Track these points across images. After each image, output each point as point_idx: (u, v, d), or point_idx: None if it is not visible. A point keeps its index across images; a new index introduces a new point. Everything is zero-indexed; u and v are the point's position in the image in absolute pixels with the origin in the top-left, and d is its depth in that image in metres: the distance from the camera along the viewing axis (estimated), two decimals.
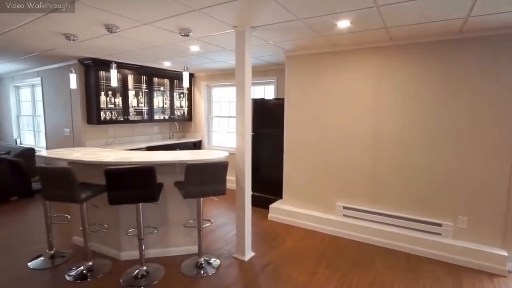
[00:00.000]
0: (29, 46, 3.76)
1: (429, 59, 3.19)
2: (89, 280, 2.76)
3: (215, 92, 6.43)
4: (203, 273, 2.88)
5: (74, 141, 5.07)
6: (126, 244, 3.08)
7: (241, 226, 3.15)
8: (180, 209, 3.18)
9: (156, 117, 5.75)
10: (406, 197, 3.44)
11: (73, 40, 3.29)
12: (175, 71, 5.91)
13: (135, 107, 5.35)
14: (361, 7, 2.32)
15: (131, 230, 2.92)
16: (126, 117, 5.15)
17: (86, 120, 4.91)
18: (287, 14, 2.53)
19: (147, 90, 5.53)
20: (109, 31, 2.92)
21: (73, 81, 3.72)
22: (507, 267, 2.91)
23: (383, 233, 3.49)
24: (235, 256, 3.20)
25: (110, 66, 4.63)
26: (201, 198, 2.88)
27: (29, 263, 3.01)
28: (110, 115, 4.95)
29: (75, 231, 3.46)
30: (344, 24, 2.75)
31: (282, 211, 4.22)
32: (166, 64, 5.23)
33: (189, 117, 6.48)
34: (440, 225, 3.25)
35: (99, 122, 4.80)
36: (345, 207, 3.81)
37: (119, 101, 5.04)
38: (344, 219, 3.79)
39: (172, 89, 6.05)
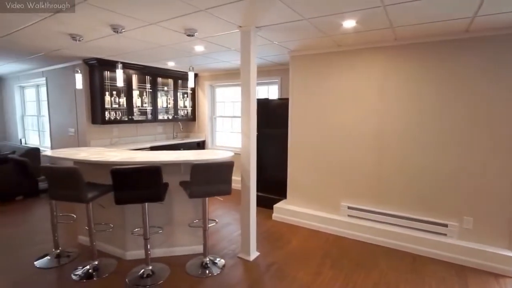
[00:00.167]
0: (35, 46, 3.78)
1: (433, 59, 3.17)
2: (95, 279, 2.77)
3: (219, 92, 6.43)
4: (208, 273, 2.88)
5: (79, 141, 5.10)
6: (131, 244, 3.10)
7: (246, 226, 3.15)
8: (185, 209, 3.19)
9: (160, 117, 5.76)
10: (411, 197, 3.43)
11: (79, 40, 3.31)
12: (179, 71, 5.92)
13: (139, 107, 5.37)
14: (368, 6, 2.31)
15: (136, 230, 2.93)
16: (130, 117, 5.17)
17: (91, 120, 4.93)
18: (293, 14, 2.53)
19: (151, 90, 5.54)
20: (115, 31, 2.93)
21: (79, 81, 3.74)
22: None
23: (388, 233, 3.48)
24: (240, 256, 3.21)
25: (115, 66, 4.67)
26: (207, 198, 2.89)
27: (35, 262, 3.03)
28: (115, 115, 4.97)
29: (80, 230, 3.48)
30: (350, 24, 2.74)
31: (286, 211, 4.22)
32: (170, 64, 5.25)
33: (192, 117, 6.49)
34: (445, 225, 3.24)
35: (104, 122, 4.82)
36: (349, 207, 3.80)
37: (123, 101, 5.06)
38: (348, 219, 3.78)
39: (176, 89, 6.06)
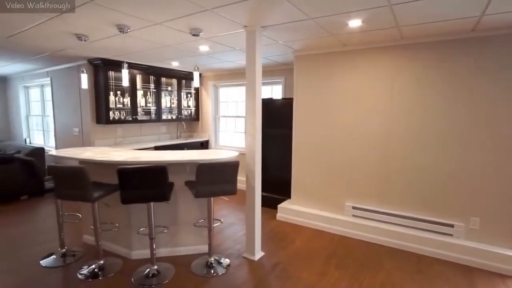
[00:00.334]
0: (40, 46, 3.80)
1: (439, 59, 3.15)
2: (100, 278, 2.78)
3: (222, 92, 6.44)
4: (213, 273, 2.88)
5: (83, 140, 5.12)
6: (136, 243, 3.10)
7: (251, 226, 3.15)
8: (190, 208, 3.19)
9: (164, 117, 5.77)
10: (417, 197, 3.41)
11: (85, 40, 3.32)
12: (182, 71, 5.93)
13: (143, 107, 5.38)
14: (374, 6, 2.30)
15: (142, 229, 2.93)
16: (134, 117, 5.18)
17: (95, 120, 4.95)
18: (298, 14, 2.52)
19: (155, 90, 5.56)
20: (120, 31, 2.94)
21: (84, 81, 3.75)
22: None
23: (393, 233, 3.47)
24: (245, 255, 3.20)
25: (120, 66, 4.68)
26: (212, 197, 2.89)
27: (41, 261, 3.04)
28: (119, 115, 4.98)
29: (85, 229, 3.49)
30: (355, 23, 2.73)
31: (290, 211, 4.21)
32: (174, 64, 5.25)
33: (196, 117, 6.50)
34: (451, 225, 3.22)
35: (108, 122, 4.84)
36: (354, 207, 3.79)
37: (127, 101, 5.07)
38: (353, 219, 3.77)
39: (180, 89, 6.07)
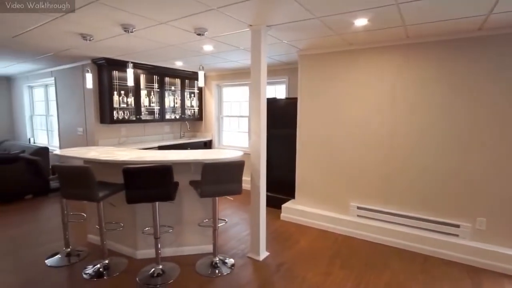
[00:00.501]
0: (45, 46, 3.81)
1: (446, 58, 3.13)
2: (105, 278, 2.78)
3: (226, 91, 6.43)
4: (218, 273, 2.87)
5: (87, 140, 5.13)
6: (141, 243, 3.10)
7: (255, 226, 3.14)
8: (195, 208, 3.19)
9: (167, 116, 5.78)
10: (422, 197, 3.39)
11: (89, 40, 3.32)
12: (186, 71, 5.94)
13: (146, 106, 5.38)
14: (381, 4, 2.29)
15: (147, 229, 2.93)
16: (138, 116, 5.19)
17: (99, 119, 4.95)
18: (304, 13, 2.51)
19: (158, 90, 5.56)
20: (125, 30, 2.93)
21: (89, 80, 3.75)
22: None
23: (398, 233, 3.45)
24: (249, 255, 3.19)
25: (124, 65, 4.70)
26: (217, 197, 2.88)
27: (46, 261, 3.05)
28: (123, 114, 4.99)
29: (90, 229, 3.50)
30: (361, 22, 2.72)
31: (294, 211, 4.20)
32: (178, 64, 5.25)
33: (199, 116, 6.50)
34: (457, 226, 3.19)
35: (112, 121, 4.85)
36: (359, 207, 3.77)
37: (131, 100, 5.08)
38: (358, 219, 3.75)
39: (183, 89, 6.07)
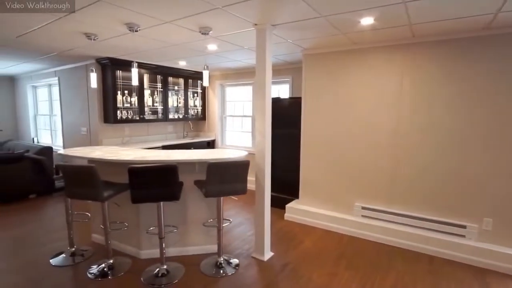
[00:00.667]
0: (49, 46, 3.81)
1: (453, 57, 3.10)
2: (110, 278, 2.78)
3: (229, 91, 6.42)
4: (222, 273, 2.86)
5: (91, 140, 5.13)
6: (146, 243, 3.10)
7: (260, 226, 3.12)
8: (199, 208, 3.18)
9: (171, 116, 5.77)
10: (428, 198, 3.36)
11: (94, 39, 3.32)
12: (189, 70, 5.93)
13: (150, 106, 5.38)
14: (388, 3, 2.27)
15: (151, 229, 2.92)
16: (141, 116, 5.19)
17: (103, 119, 4.96)
18: (310, 12, 2.49)
19: (162, 90, 5.56)
20: (130, 30, 2.93)
21: (94, 80, 3.74)
22: None
23: (403, 234, 3.42)
24: (254, 256, 3.18)
25: (128, 65, 4.71)
26: (222, 197, 2.87)
27: (51, 260, 3.05)
28: (126, 114, 4.99)
29: (94, 229, 3.50)
30: (367, 21, 2.70)
31: (298, 211, 4.18)
32: (182, 64, 5.25)
33: (202, 116, 6.49)
34: (463, 226, 3.17)
35: (116, 121, 4.85)
36: (363, 208, 3.75)
37: (135, 100, 5.08)
38: (362, 219, 3.73)
39: (187, 89, 6.07)
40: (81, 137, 5.31)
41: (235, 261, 3.07)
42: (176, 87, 5.88)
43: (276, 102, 4.68)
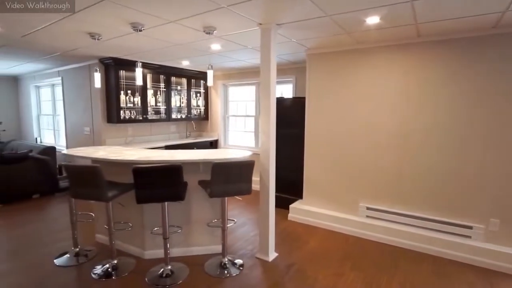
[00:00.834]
0: (53, 45, 3.80)
1: (458, 57, 3.08)
2: (114, 278, 2.77)
3: (232, 91, 6.41)
4: (226, 273, 2.85)
5: (94, 140, 5.13)
6: (150, 243, 3.08)
7: (265, 227, 3.11)
8: (203, 208, 3.17)
9: (173, 116, 5.76)
10: (434, 198, 3.34)
11: (98, 39, 3.31)
12: (192, 70, 5.92)
13: (153, 106, 5.37)
14: (395, 2, 2.25)
15: (156, 229, 2.91)
16: (144, 116, 5.18)
17: (106, 119, 4.95)
18: (316, 11, 2.47)
19: (165, 89, 5.55)
20: (134, 29, 2.91)
21: (98, 80, 3.73)
22: None
23: (409, 235, 3.40)
24: (258, 256, 3.16)
25: (131, 65, 4.70)
26: (226, 197, 2.85)
27: (55, 260, 3.05)
28: (130, 114, 4.99)
29: (98, 229, 3.49)
30: (373, 20, 2.67)
31: (302, 211, 4.16)
32: (185, 63, 5.24)
33: (205, 116, 6.48)
34: (470, 227, 3.14)
35: (119, 121, 4.84)
36: (368, 208, 3.73)
37: (138, 100, 5.07)
38: (367, 220, 3.71)
39: (189, 89, 6.06)
40: (84, 137, 5.31)
41: (239, 261, 3.06)
42: (179, 87, 5.87)
43: (279, 102, 4.67)
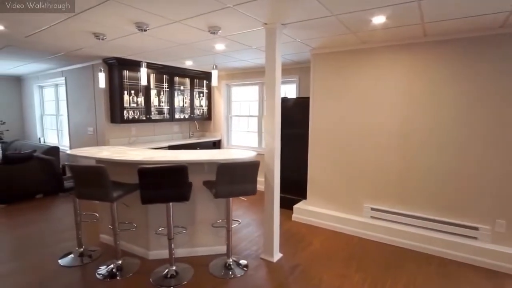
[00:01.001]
0: (57, 45, 3.80)
1: (464, 57, 3.05)
2: (118, 278, 2.77)
3: (235, 91, 6.40)
4: (231, 274, 2.84)
5: (98, 140, 5.13)
6: (154, 244, 3.08)
7: (269, 227, 3.10)
8: (208, 208, 3.16)
9: (177, 116, 5.76)
10: (439, 199, 3.31)
11: (102, 39, 3.31)
12: (196, 70, 5.91)
13: (156, 106, 5.37)
14: (402, 1, 2.23)
15: (160, 229, 2.91)
16: (148, 116, 5.18)
17: (110, 119, 4.95)
18: (322, 10, 2.46)
19: (168, 90, 5.54)
20: (139, 29, 2.91)
21: (102, 80, 3.73)
22: None
23: (414, 236, 3.38)
24: (263, 257, 3.15)
25: (135, 65, 4.71)
26: (231, 198, 2.84)
27: (59, 260, 3.05)
28: (133, 114, 4.98)
29: (102, 229, 3.49)
30: (379, 19, 2.66)
31: (306, 211, 4.15)
32: (188, 64, 5.23)
33: (208, 116, 6.47)
34: (476, 228, 3.12)
35: (122, 121, 4.84)
36: (373, 209, 3.71)
37: (141, 100, 5.07)
38: (372, 220, 3.69)
39: (192, 89, 6.05)
40: (88, 137, 5.32)
41: (244, 262, 3.05)
42: (182, 87, 5.86)
43: (283, 102, 4.64)
